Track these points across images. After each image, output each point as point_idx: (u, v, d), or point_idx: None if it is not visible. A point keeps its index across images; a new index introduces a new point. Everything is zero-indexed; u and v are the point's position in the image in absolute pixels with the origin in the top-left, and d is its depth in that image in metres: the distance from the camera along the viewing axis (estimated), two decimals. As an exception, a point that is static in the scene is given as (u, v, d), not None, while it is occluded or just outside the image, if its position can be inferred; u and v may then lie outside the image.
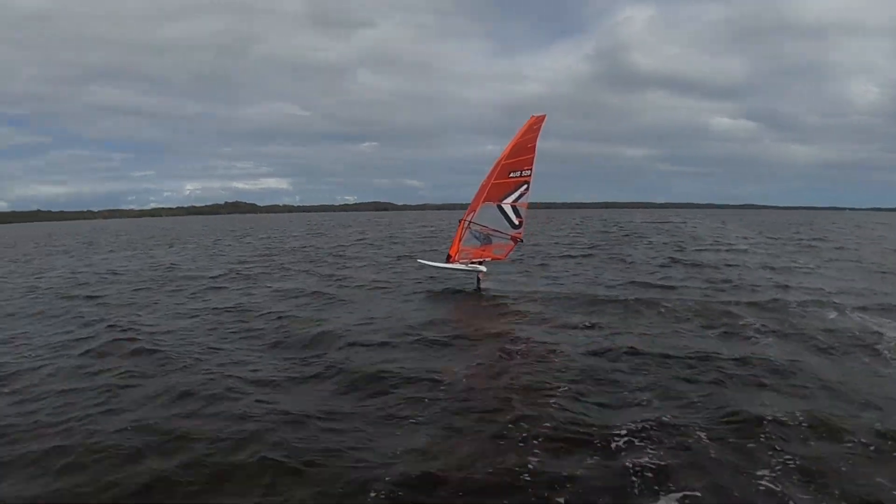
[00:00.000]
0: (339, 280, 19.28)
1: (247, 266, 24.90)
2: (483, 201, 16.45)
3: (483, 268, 16.80)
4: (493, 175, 16.25)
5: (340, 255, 29.36)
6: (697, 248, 29.86)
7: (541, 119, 16.10)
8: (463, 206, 17.59)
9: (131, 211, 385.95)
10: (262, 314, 13.27)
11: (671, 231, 47.40)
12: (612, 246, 32.21)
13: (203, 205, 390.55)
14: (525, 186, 16.32)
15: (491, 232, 16.70)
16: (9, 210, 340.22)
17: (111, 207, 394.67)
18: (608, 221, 73.59)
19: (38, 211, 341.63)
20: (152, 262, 27.84)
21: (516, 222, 16.63)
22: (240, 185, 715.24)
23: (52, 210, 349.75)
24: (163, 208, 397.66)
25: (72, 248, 42.92)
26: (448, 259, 16.99)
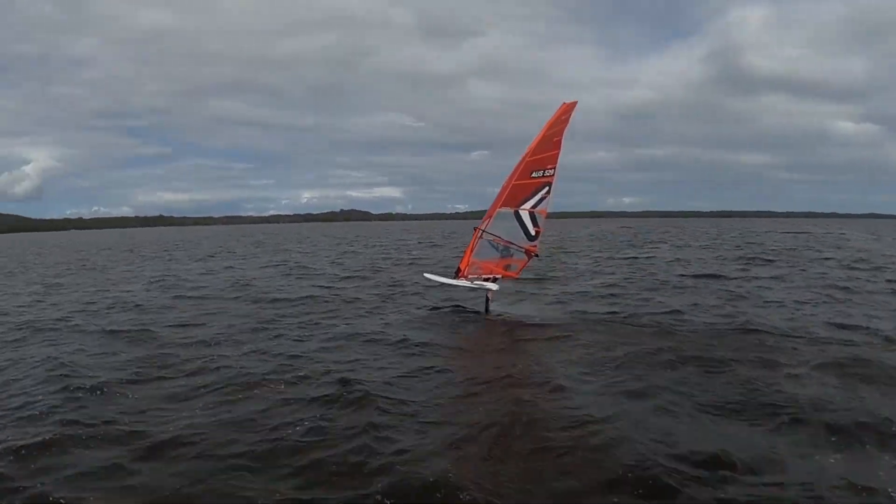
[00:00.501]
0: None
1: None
2: (500, 206, 13.87)
3: (494, 286, 14.25)
4: (515, 175, 13.71)
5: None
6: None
7: (571, 106, 13.44)
8: (574, 215, 14.89)
9: (250, 217, 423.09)
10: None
11: (830, 244, 40.51)
12: (792, 263, 26.29)
13: (319, 212, 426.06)
14: (546, 189, 13.58)
15: (506, 244, 14.12)
16: (133, 215, 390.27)
17: (231, 214, 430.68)
18: (743, 232, 65.94)
19: (161, 216, 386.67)
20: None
21: (533, 233, 13.93)
22: (354, 193, 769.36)
23: (175, 216, 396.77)
24: (281, 215, 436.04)
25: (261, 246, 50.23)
26: (457, 274, 14.44)
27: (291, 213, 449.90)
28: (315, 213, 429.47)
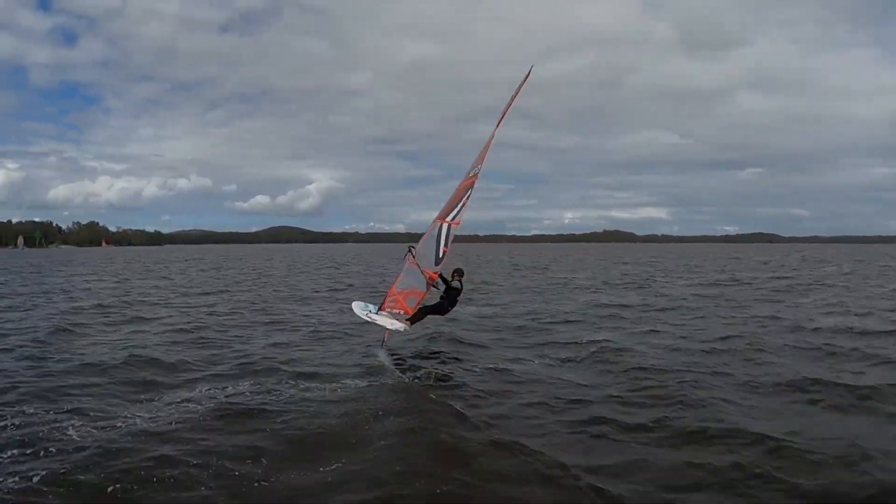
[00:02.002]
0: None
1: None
2: (437, 218, 11.19)
3: (398, 325, 11.16)
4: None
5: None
6: None
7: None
8: (856, 240, 14.04)
9: (513, 237, 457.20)
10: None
11: None
12: None
13: (581, 233, 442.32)
14: (468, 193, 10.82)
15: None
16: (405, 232, 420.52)
17: (494, 233, 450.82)
18: None
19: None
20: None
21: (441, 253, 10.94)
22: (617, 214, 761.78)
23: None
24: (543, 235, 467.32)
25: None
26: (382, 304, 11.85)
27: (554, 234, 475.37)
28: (577, 233, 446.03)
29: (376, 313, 11.56)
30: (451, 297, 11.18)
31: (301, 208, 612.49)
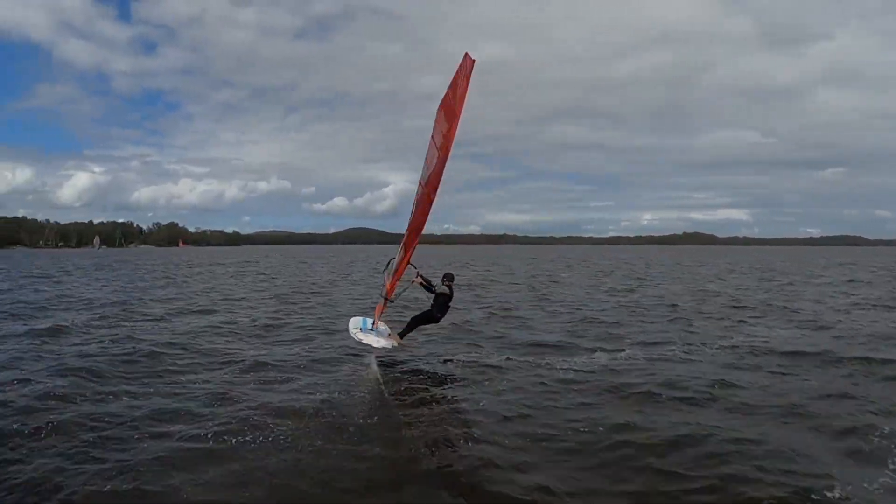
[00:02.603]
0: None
1: None
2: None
3: (388, 342, 10.92)
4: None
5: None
6: None
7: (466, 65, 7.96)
8: None
9: (591, 238, 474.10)
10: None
11: None
12: None
13: (660, 234, 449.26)
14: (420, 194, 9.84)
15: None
16: (480, 233, 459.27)
17: (571, 234, 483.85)
18: None
19: (505, 234, 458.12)
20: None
21: (397, 261, 10.63)
22: (697, 215, 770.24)
23: (518, 234, 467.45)
24: (621, 237, 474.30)
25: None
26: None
27: (632, 235, 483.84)
28: (656, 235, 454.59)
29: (370, 329, 11.28)
30: (439, 303, 10.87)
31: (377, 210, 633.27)
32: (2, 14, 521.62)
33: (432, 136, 9.31)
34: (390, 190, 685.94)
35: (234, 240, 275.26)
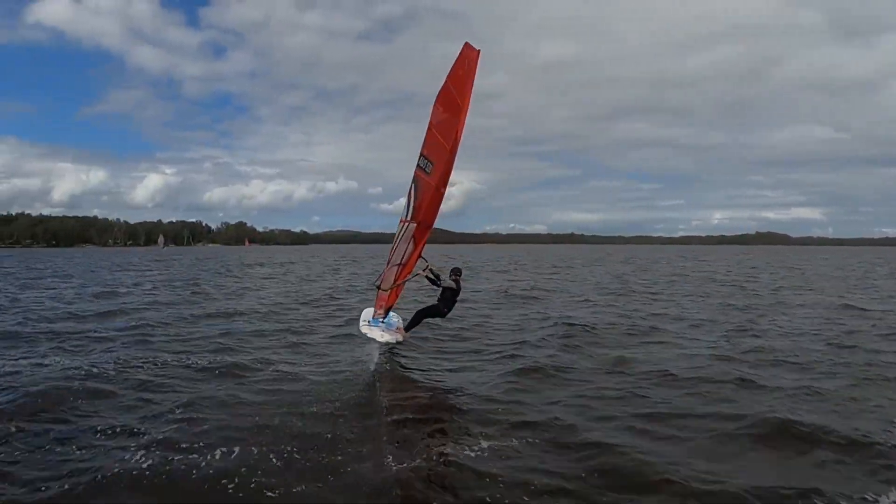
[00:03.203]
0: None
1: None
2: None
3: (393, 337, 10.32)
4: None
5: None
6: None
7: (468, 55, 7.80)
8: None
9: (660, 238, 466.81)
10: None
11: None
12: None
13: (731, 234, 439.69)
14: (413, 187, 9.67)
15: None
16: (546, 233, 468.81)
17: (640, 234, 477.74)
18: None
19: (573, 234, 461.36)
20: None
21: (406, 256, 10.00)
22: (769, 214, 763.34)
23: (585, 234, 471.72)
24: (692, 236, 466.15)
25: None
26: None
27: (703, 235, 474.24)
28: (728, 234, 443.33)
29: (381, 322, 10.92)
30: (446, 297, 10.46)
31: (443, 210, 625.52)
32: (75, 24, 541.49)
33: (430, 127, 8.95)
34: (455, 189, 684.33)
35: (302, 239, 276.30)
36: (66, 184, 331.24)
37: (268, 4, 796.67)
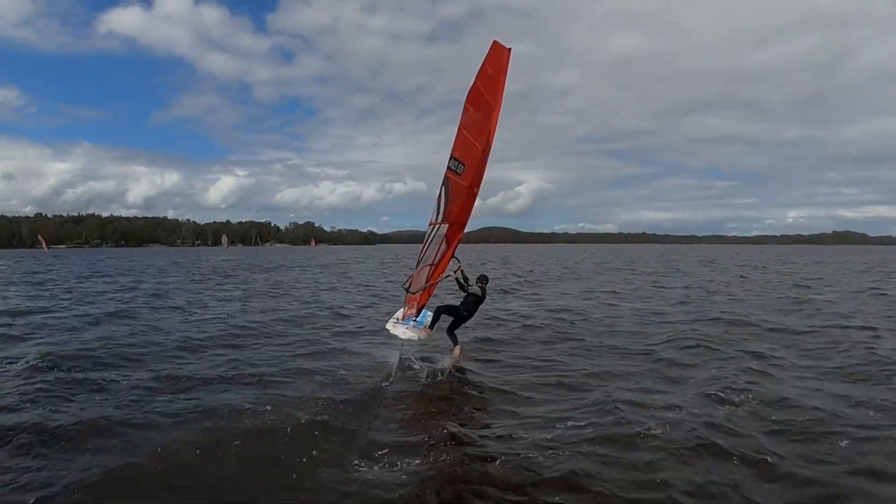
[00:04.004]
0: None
1: None
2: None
3: (415, 334, 10.23)
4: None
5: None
6: None
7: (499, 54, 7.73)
8: None
9: (734, 237, 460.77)
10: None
11: None
12: None
13: (808, 234, 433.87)
14: (443, 189, 9.42)
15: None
16: (617, 232, 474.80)
17: (713, 233, 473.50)
18: None
19: (644, 233, 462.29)
20: None
21: (438, 257, 9.94)
22: (846, 213, 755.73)
23: (657, 233, 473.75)
24: (766, 236, 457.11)
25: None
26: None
27: (778, 234, 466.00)
28: (804, 234, 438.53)
29: (413, 321, 10.85)
30: (468, 302, 10.51)
31: (511, 209, 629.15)
32: (146, 32, 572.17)
33: (461, 128, 8.80)
34: (524, 189, 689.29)
35: (370, 239, 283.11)
36: (141, 186, 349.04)
37: (334, 9, 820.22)
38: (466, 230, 9.20)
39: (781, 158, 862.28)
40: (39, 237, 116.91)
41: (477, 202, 8.80)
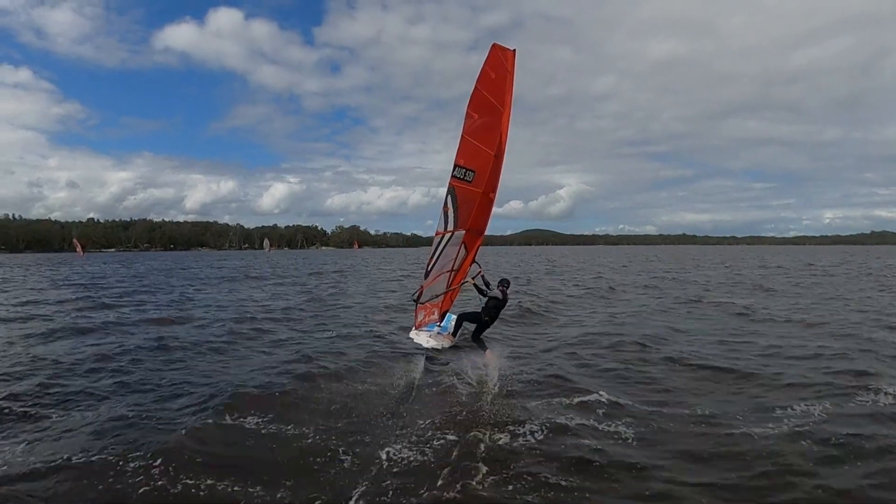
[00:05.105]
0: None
1: None
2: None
3: (438, 342, 10.49)
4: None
5: None
6: None
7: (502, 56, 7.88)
8: None
9: (772, 238, 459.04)
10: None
11: None
12: None
13: (845, 234, 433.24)
14: (449, 198, 9.36)
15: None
16: (657, 234, 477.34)
17: (751, 234, 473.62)
18: None
19: (684, 235, 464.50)
20: None
21: (458, 262, 9.96)
22: (884, 213, 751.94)
23: (697, 235, 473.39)
24: (804, 237, 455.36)
25: None
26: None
27: (815, 235, 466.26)
28: (841, 234, 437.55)
29: (437, 326, 10.99)
30: (489, 307, 10.30)
31: (552, 212, 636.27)
32: (199, 47, 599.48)
33: (464, 136, 8.59)
34: (564, 192, 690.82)
35: (414, 242, 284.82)
36: (198, 193, 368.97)
37: (378, 21, 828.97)
38: (508, 233, 9.22)
39: (819, 159, 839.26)
40: (74, 241, 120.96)
41: (518, 206, 8.83)
